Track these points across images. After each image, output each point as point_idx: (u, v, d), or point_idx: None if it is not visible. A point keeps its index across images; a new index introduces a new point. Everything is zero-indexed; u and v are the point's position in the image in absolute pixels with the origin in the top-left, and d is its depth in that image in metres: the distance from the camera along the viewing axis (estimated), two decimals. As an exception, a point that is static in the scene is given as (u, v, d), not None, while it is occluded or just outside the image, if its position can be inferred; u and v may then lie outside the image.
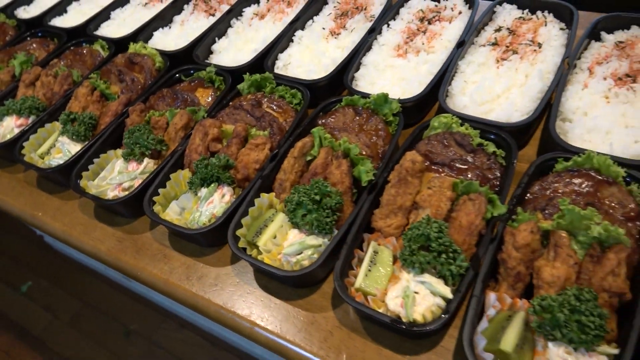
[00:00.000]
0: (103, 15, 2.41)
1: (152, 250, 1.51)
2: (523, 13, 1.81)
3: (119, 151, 1.68)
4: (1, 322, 3.80)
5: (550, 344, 1.00)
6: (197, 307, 1.36)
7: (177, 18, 2.31)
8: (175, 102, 1.77)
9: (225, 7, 2.25)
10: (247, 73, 1.76)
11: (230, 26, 2.15)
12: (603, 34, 1.67)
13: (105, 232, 1.59)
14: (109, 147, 1.72)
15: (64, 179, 1.67)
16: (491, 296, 1.09)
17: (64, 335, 3.69)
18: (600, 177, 1.22)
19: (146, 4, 2.44)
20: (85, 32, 2.31)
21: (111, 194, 1.57)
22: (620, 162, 1.23)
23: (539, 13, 1.79)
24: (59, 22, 2.49)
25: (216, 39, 2.09)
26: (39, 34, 2.43)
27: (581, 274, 1.08)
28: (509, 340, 1.02)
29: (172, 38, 2.17)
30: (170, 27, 2.27)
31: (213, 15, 2.24)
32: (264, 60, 1.86)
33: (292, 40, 1.97)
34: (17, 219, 1.80)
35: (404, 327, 1.07)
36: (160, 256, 1.48)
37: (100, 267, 3.97)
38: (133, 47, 2.06)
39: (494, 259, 1.15)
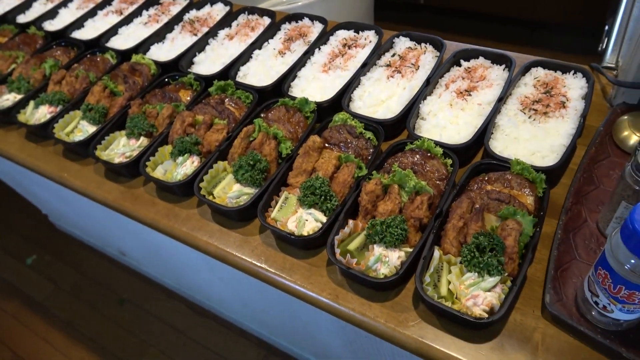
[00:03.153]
0: (112, 31, 2.87)
1: (144, 199, 2.07)
2: (412, 44, 2.40)
3: (123, 132, 2.22)
4: (9, 290, 4.22)
5: (375, 246, 1.64)
6: (172, 233, 1.93)
7: (169, 36, 2.80)
8: (164, 99, 2.34)
9: (205, 29, 2.78)
10: (216, 80, 2.31)
11: (207, 44, 2.66)
12: (462, 61, 2.30)
13: (112, 187, 2.14)
14: (116, 129, 2.24)
15: (83, 150, 2.19)
16: (349, 221, 1.73)
17: (65, 302, 4.11)
18: (428, 154, 1.88)
19: (146, 23, 2.94)
20: (98, 44, 2.78)
21: (117, 160, 2.12)
22: (440, 144, 1.85)
23: (422, 44, 2.39)
24: (78, 34, 2.95)
25: (197, 53, 2.61)
26: (62, 44, 2.89)
27: (403, 209, 1.75)
28: (353, 244, 1.65)
29: (164, 52, 2.67)
30: (163, 43, 2.76)
31: (196, 35, 2.75)
32: (229, 71, 2.40)
33: (251, 57, 2.51)
34: (46, 177, 2.32)
35: (293, 237, 1.70)
36: (150, 203, 2.04)
37: (97, 243, 4.32)
38: (135, 57, 2.58)
39: (356, 201, 1.81)
